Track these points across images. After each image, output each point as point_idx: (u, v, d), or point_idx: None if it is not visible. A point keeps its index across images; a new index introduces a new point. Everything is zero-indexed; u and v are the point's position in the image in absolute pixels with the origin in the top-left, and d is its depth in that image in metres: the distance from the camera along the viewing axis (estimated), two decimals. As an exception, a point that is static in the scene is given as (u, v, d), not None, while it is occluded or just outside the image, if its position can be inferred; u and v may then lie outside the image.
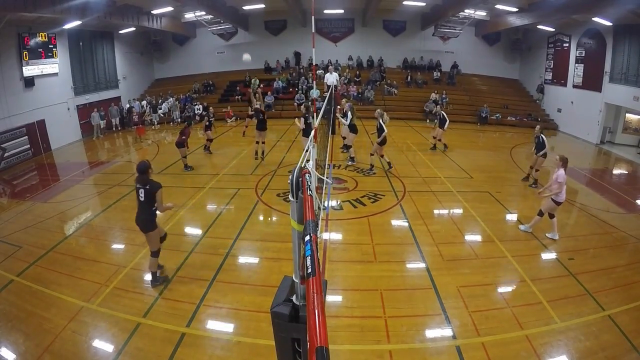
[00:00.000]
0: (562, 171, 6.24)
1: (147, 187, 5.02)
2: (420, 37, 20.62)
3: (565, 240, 6.71)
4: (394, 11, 19.01)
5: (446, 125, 11.91)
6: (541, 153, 8.94)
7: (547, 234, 6.72)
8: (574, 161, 12.45)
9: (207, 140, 12.15)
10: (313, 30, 7.45)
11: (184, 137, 10.22)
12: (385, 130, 9.39)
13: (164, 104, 18.91)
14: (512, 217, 7.68)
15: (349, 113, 10.47)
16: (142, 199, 5.07)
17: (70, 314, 4.75)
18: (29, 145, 13.53)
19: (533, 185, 9.16)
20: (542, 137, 8.92)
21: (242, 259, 6.09)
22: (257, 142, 11.13)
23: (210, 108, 13.25)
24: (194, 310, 4.78)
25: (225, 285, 5.33)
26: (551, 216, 6.64)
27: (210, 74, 21.27)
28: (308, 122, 9.34)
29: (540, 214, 6.66)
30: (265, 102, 18.93)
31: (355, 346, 4.23)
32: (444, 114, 11.96)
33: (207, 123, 11.85)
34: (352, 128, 10.54)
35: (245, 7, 18.75)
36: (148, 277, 5.62)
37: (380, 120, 9.46)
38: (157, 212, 5.13)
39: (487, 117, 17.78)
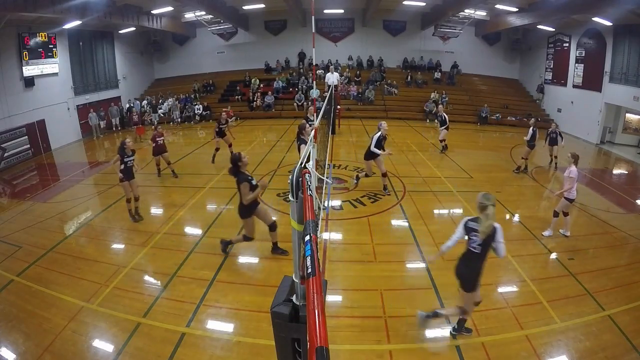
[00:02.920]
0: (574, 168, 6.31)
1: (235, 179, 5.47)
2: (420, 37, 20.62)
3: (566, 240, 6.71)
4: (394, 11, 19.00)
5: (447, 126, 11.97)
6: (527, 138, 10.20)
7: (560, 231, 6.77)
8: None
9: (215, 150, 11.00)
10: (313, 30, 7.45)
11: (160, 139, 9.52)
12: (371, 146, 7.83)
13: (164, 104, 18.92)
14: (512, 217, 7.67)
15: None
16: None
17: (70, 314, 4.75)
18: (29, 145, 13.54)
19: (517, 171, 10.35)
20: (534, 129, 10.15)
21: (242, 259, 6.09)
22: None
23: (225, 112, 11.93)
24: (194, 310, 4.78)
25: (225, 285, 5.33)
26: (565, 214, 6.67)
27: (210, 74, 21.27)
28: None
29: (556, 214, 6.70)
30: (265, 102, 18.97)
31: (355, 346, 4.23)
32: (445, 115, 11.96)
33: (217, 129, 10.73)
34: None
35: (245, 7, 18.75)
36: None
37: (376, 134, 7.89)
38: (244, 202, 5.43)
39: (487, 117, 17.78)
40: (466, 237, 3.86)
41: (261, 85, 20.00)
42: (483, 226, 3.77)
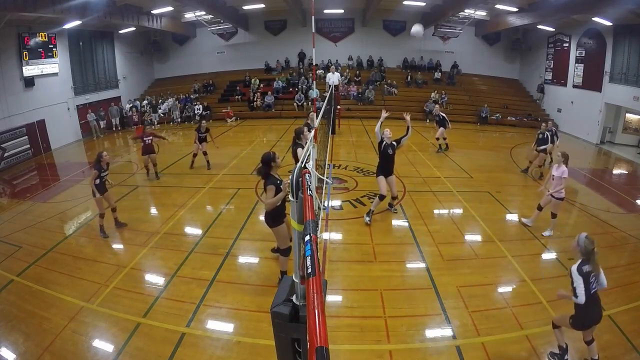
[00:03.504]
0: (564, 167, 6.32)
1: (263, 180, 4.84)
2: (420, 37, 20.61)
3: (565, 240, 6.69)
4: (394, 11, 19.02)
5: (448, 125, 11.99)
6: (541, 148, 9.63)
7: (543, 233, 6.75)
8: (574, 161, 12.48)
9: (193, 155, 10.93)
10: (313, 30, 7.46)
11: (148, 138, 9.53)
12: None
13: (163, 104, 18.93)
14: (512, 217, 7.67)
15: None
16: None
17: (70, 314, 4.75)
18: (29, 145, 13.53)
19: (525, 172, 10.10)
20: (546, 134, 9.61)
21: (242, 259, 6.09)
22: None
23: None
24: (194, 310, 4.78)
25: (225, 285, 5.33)
26: (553, 215, 6.67)
27: (210, 74, 21.28)
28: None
29: (540, 208, 6.85)
30: (265, 102, 18.98)
31: (355, 346, 4.23)
32: (443, 115, 11.96)
33: (198, 137, 10.74)
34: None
35: (245, 7, 18.76)
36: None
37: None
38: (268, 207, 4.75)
39: (487, 117, 17.78)
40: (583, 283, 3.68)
41: (261, 85, 20.00)
42: (597, 268, 3.78)
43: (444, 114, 12.04)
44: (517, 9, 15.47)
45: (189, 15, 18.21)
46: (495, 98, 19.06)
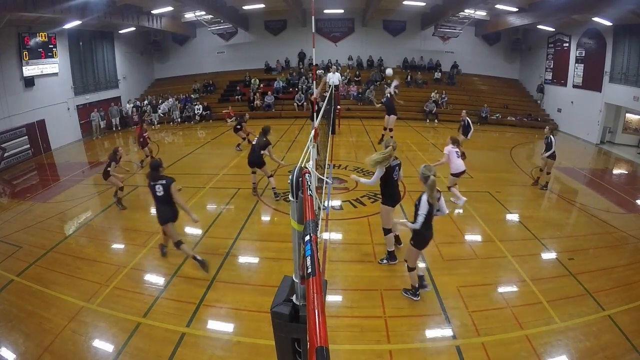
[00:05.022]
0: (450, 147, 7.63)
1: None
2: (420, 37, 20.62)
3: (565, 240, 6.71)
4: (394, 11, 19.00)
5: (470, 133, 10.83)
6: (547, 154, 8.74)
7: (451, 199, 7.82)
8: (574, 161, 12.56)
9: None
10: (313, 30, 7.44)
11: (145, 135, 10.72)
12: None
13: (163, 104, 18.93)
14: (512, 217, 7.67)
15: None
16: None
17: (70, 314, 4.75)
18: (29, 145, 13.53)
19: (544, 188, 9.07)
20: (550, 138, 8.72)
21: (242, 259, 6.09)
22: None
23: (246, 115, 13.31)
24: (194, 310, 4.78)
25: (225, 285, 5.33)
26: (450, 187, 7.94)
27: (210, 74, 21.28)
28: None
29: (449, 188, 7.95)
30: (265, 102, 18.97)
31: (355, 346, 4.23)
32: (469, 121, 10.76)
33: (239, 126, 12.27)
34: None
35: (245, 7, 18.75)
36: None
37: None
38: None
39: (487, 117, 17.78)
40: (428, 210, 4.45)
41: (261, 85, 20.00)
42: (433, 198, 4.42)
43: (469, 119, 10.76)
44: (517, 9, 15.47)
45: (189, 15, 18.21)
46: (495, 98, 19.06)
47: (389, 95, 11.72)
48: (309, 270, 1.29)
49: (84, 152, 14.33)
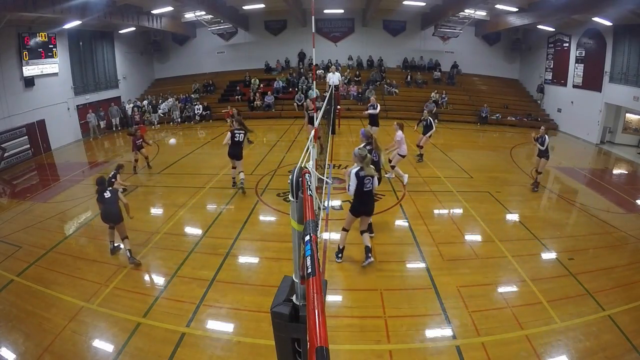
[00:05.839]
0: (399, 132, 8.42)
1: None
2: (420, 37, 20.61)
3: (565, 240, 6.71)
4: (394, 11, 19.00)
5: (430, 132, 10.66)
6: (543, 147, 8.64)
7: (387, 174, 8.85)
8: (574, 161, 12.57)
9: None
10: (313, 30, 7.46)
11: (140, 140, 10.30)
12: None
13: (163, 104, 18.93)
14: (512, 217, 7.67)
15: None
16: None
17: (70, 314, 4.75)
18: (29, 145, 13.53)
19: (535, 189, 9.01)
20: (545, 138, 8.57)
21: (242, 259, 6.09)
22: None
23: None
24: (194, 310, 4.78)
25: (225, 285, 5.33)
26: (393, 167, 8.93)
27: (210, 74, 21.27)
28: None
29: (393, 167, 8.94)
30: (265, 102, 18.97)
31: (355, 346, 4.23)
32: (432, 120, 10.65)
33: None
34: None
35: (245, 7, 18.75)
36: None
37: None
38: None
39: (487, 117, 17.77)
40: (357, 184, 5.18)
41: (261, 85, 19.99)
42: (370, 171, 5.16)
43: (432, 119, 10.69)
44: (517, 9, 15.47)
45: (189, 15, 18.19)
46: (495, 98, 19.06)
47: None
48: (309, 270, 1.29)
49: (84, 152, 14.34)
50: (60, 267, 5.87)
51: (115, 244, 6.27)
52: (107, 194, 5.97)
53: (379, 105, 11.73)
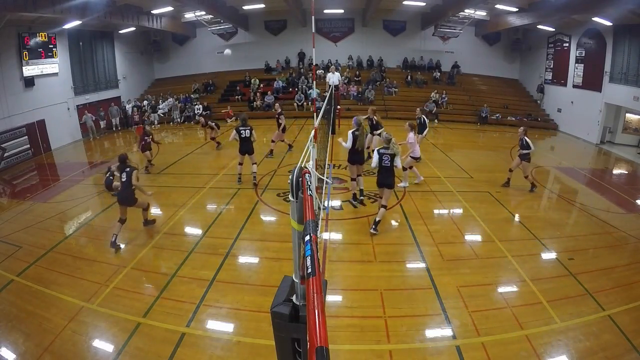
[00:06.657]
0: (411, 134, 8.30)
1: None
2: (420, 37, 20.62)
3: (565, 240, 6.71)
4: (394, 11, 19.00)
5: (425, 132, 10.31)
6: (525, 152, 8.41)
7: (399, 184, 8.49)
8: (574, 161, 12.56)
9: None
10: (313, 30, 7.45)
11: (146, 139, 10.43)
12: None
13: (163, 104, 18.93)
14: (512, 217, 7.67)
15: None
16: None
17: (70, 314, 4.75)
18: (29, 145, 13.53)
19: (533, 190, 8.94)
20: (525, 140, 8.39)
21: (242, 259, 6.09)
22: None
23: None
24: (194, 310, 4.78)
25: (225, 285, 5.33)
26: (405, 169, 8.65)
27: (210, 74, 21.27)
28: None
29: (404, 169, 8.55)
30: (265, 102, 18.96)
31: (355, 346, 4.23)
32: (425, 119, 10.37)
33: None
34: None
35: (245, 7, 18.75)
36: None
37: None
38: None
39: (487, 117, 17.77)
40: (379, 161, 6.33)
41: (261, 85, 19.99)
42: (394, 148, 6.29)
43: (425, 117, 10.38)
44: (517, 9, 15.47)
45: (189, 15, 18.20)
46: (495, 98, 19.06)
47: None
48: (309, 270, 1.29)
49: (83, 152, 14.33)
50: (60, 267, 5.87)
51: (117, 243, 6.33)
52: (124, 177, 6.35)
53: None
